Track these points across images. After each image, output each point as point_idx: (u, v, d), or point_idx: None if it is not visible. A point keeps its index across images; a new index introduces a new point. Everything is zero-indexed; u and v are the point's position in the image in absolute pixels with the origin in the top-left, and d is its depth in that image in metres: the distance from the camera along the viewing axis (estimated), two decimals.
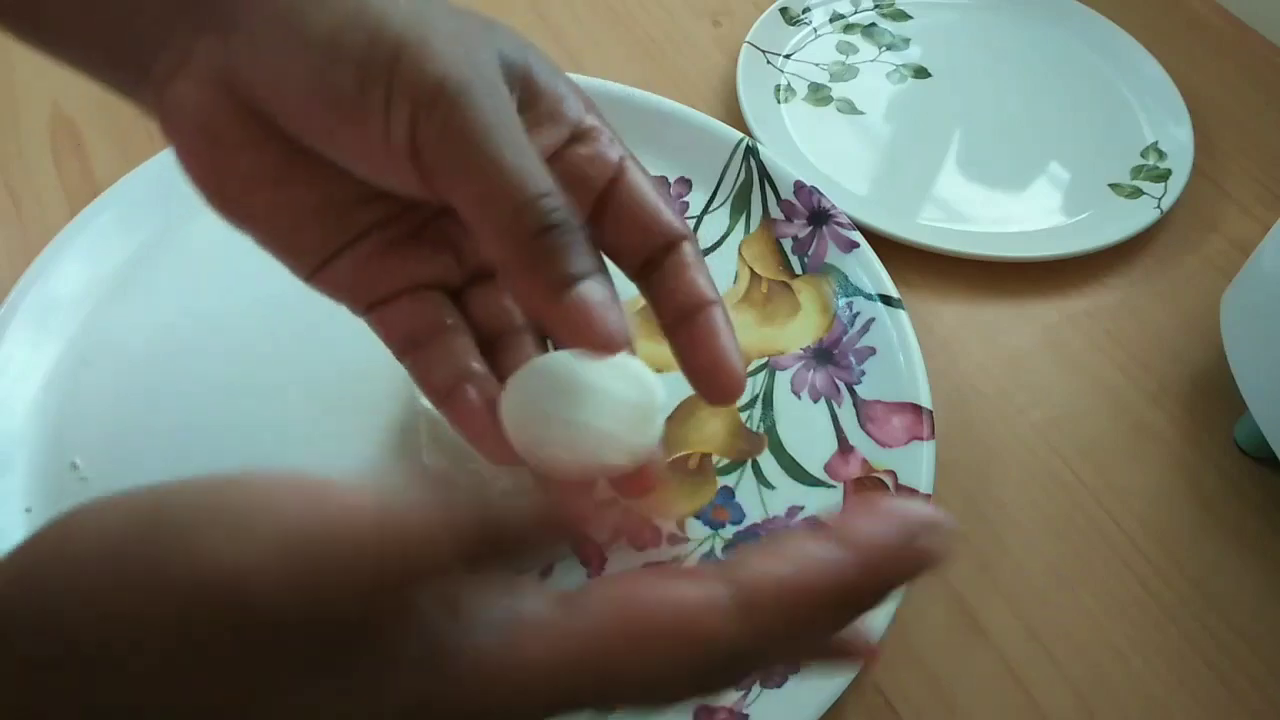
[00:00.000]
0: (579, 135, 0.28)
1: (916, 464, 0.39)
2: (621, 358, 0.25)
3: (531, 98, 0.27)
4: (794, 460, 0.41)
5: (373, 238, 0.28)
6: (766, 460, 0.41)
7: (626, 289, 0.28)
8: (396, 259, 0.28)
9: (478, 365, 0.28)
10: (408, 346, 0.29)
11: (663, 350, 0.29)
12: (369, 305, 0.29)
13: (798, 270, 0.46)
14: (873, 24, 0.60)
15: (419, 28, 0.24)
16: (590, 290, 0.24)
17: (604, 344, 0.24)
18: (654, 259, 0.28)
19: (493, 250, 0.24)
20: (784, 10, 0.58)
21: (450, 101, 0.24)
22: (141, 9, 0.26)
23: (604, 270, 0.25)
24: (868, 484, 0.40)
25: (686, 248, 0.28)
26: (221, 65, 0.25)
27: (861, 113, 0.55)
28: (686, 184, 0.49)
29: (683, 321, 0.28)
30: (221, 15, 0.25)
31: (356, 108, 0.24)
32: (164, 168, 0.47)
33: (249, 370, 0.42)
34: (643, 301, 0.29)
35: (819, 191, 0.47)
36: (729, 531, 0.39)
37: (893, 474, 0.40)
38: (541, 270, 0.24)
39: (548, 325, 0.25)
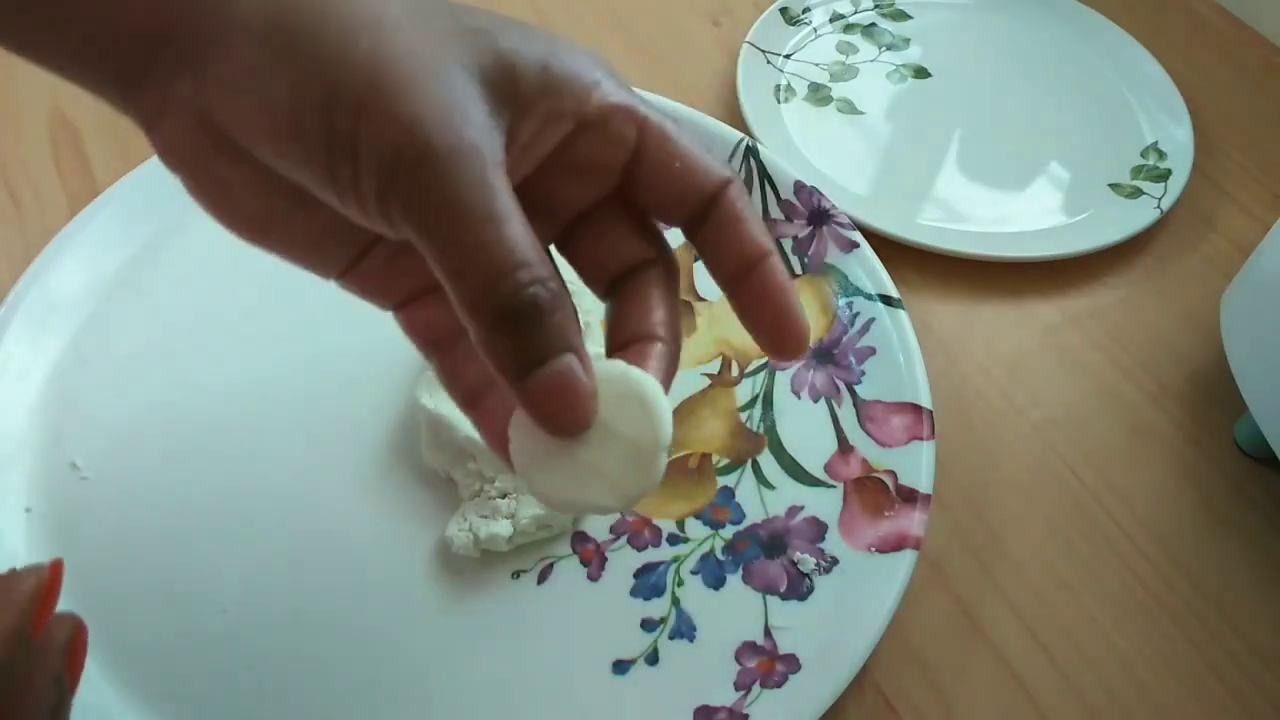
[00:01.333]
0: (589, 122, 0.26)
1: (916, 464, 0.39)
2: (642, 386, 0.24)
3: (525, 102, 0.25)
4: (794, 460, 0.41)
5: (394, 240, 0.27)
6: (766, 460, 0.41)
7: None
8: (420, 258, 0.28)
9: None
10: (431, 348, 0.28)
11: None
12: (397, 304, 0.28)
13: (798, 270, 0.46)
14: (873, 24, 0.60)
15: (377, 75, 0.23)
16: (555, 372, 0.23)
17: (563, 428, 0.24)
18: (700, 214, 0.27)
19: (463, 322, 0.23)
20: (784, 10, 0.58)
21: (410, 173, 0.22)
22: (116, 45, 0.25)
23: (575, 346, 0.23)
24: (868, 484, 0.40)
25: (731, 193, 0.26)
26: (201, 109, 0.24)
27: (861, 113, 0.55)
28: None
29: (740, 279, 0.26)
30: (191, 57, 0.24)
31: (330, 181, 0.23)
32: (164, 168, 0.47)
33: (249, 370, 0.42)
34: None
35: (819, 191, 0.47)
36: (729, 531, 0.39)
37: (893, 474, 0.40)
38: (506, 354, 0.23)
39: (512, 401, 0.24)
